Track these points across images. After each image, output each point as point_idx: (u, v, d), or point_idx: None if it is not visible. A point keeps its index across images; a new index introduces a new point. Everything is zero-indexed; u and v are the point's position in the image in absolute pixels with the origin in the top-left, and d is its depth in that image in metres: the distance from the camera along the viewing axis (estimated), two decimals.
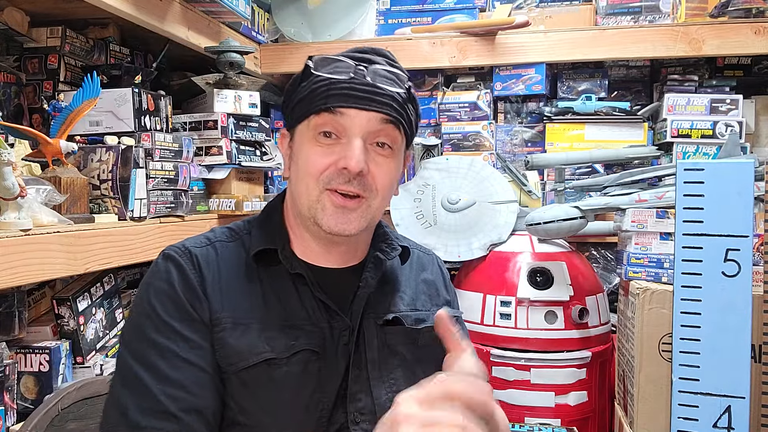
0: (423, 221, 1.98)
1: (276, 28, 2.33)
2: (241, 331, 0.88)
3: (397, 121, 0.91)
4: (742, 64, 2.20)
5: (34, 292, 1.41)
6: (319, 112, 0.89)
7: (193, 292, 0.89)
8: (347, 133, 0.89)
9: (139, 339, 0.87)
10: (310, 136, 0.91)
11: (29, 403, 1.27)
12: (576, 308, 1.72)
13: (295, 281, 0.93)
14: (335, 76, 0.89)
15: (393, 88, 0.90)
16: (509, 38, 2.17)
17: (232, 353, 0.87)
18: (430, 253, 1.15)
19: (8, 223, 1.09)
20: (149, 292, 0.89)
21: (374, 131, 0.90)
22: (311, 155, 0.90)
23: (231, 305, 0.90)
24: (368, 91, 0.89)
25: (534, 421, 1.70)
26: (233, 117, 1.87)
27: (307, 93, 0.91)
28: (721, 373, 1.19)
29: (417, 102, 0.97)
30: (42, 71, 1.56)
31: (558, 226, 1.70)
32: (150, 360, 0.84)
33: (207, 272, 0.91)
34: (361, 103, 0.88)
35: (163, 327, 0.86)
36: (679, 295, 1.22)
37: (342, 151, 0.89)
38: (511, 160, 2.23)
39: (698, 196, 1.21)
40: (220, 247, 0.96)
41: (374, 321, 0.95)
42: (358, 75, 0.89)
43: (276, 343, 0.88)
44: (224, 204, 1.86)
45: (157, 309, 0.87)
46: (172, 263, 0.91)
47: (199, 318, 0.88)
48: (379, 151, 0.91)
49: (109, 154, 1.43)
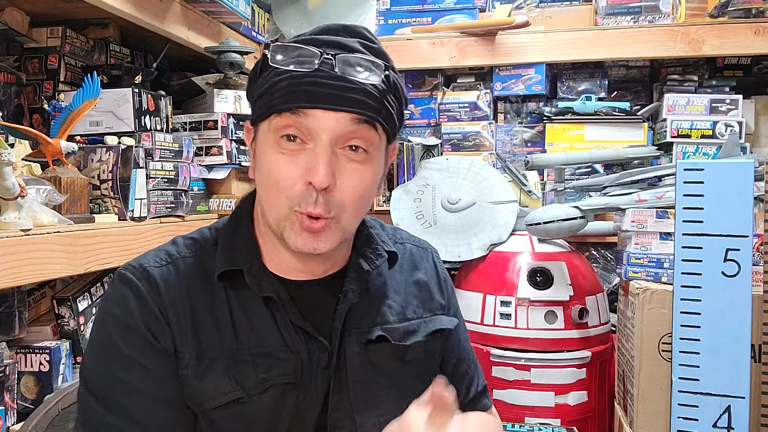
0: (423, 221, 1.98)
1: (276, 28, 2.33)
2: (205, 368, 0.79)
3: (373, 119, 0.77)
4: (742, 64, 2.20)
5: (35, 292, 1.41)
6: (281, 113, 0.76)
7: (155, 320, 0.79)
8: (313, 137, 0.76)
9: (100, 376, 0.79)
10: (272, 140, 0.78)
11: (29, 403, 1.27)
12: (576, 308, 1.72)
13: (268, 303, 0.82)
14: (297, 69, 0.75)
15: (368, 78, 0.76)
16: (509, 38, 2.17)
17: (196, 393, 0.79)
18: (426, 247, 1.03)
19: (8, 223, 1.09)
20: (106, 320, 0.81)
21: (345, 134, 0.76)
22: (275, 164, 0.77)
23: (195, 337, 0.80)
24: (336, 86, 0.75)
25: (534, 421, 1.70)
26: (233, 117, 1.87)
27: (267, 87, 0.77)
28: (721, 373, 1.19)
29: (400, 88, 0.82)
30: (42, 71, 1.56)
31: (558, 226, 1.70)
32: (114, 399, 0.77)
33: (167, 297, 0.81)
34: (327, 101, 0.75)
35: (126, 361, 0.78)
36: (679, 295, 1.22)
37: (307, 160, 0.76)
38: (511, 160, 2.23)
39: (698, 196, 1.21)
40: (182, 265, 0.84)
41: (357, 339, 0.85)
42: (324, 65, 0.75)
43: (245, 380, 0.79)
44: (224, 204, 1.86)
45: (116, 341, 0.78)
46: (129, 288, 0.81)
47: (163, 347, 0.79)
48: (351, 156, 0.78)
49: (110, 154, 1.43)
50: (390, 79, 0.79)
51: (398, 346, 0.87)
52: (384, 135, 0.81)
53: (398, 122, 0.84)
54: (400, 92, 0.82)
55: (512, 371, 1.73)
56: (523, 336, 1.73)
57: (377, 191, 0.85)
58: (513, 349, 1.74)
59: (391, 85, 0.79)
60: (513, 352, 1.74)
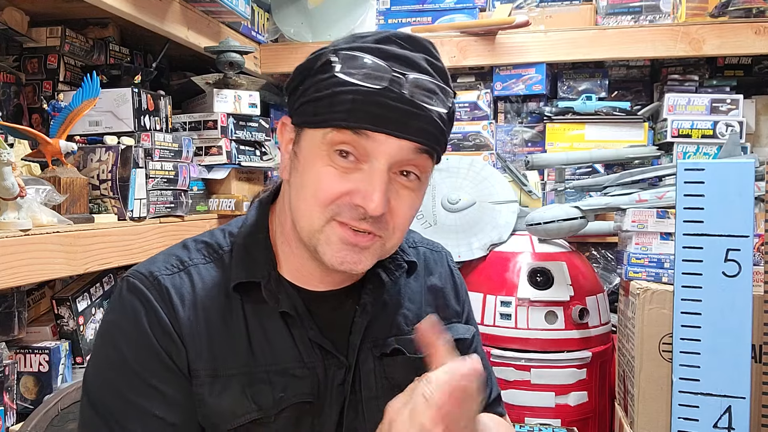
0: (423, 221, 1.98)
1: (276, 28, 2.32)
2: (221, 387, 0.76)
3: (433, 149, 0.74)
4: (743, 64, 2.20)
5: (34, 292, 1.41)
6: (340, 128, 0.71)
7: (168, 337, 0.75)
8: (370, 159, 0.72)
9: (107, 394, 0.75)
10: (324, 152, 0.73)
11: (29, 404, 1.27)
12: (576, 308, 1.72)
13: (284, 317, 0.80)
14: (365, 84, 0.70)
15: (436, 106, 0.72)
16: (509, 38, 2.17)
17: (212, 413, 0.75)
18: (440, 250, 0.99)
19: (8, 223, 1.08)
20: (115, 334, 0.76)
21: (404, 161, 0.73)
22: (322, 176, 0.73)
23: (210, 353, 0.76)
24: (404, 111, 0.70)
25: (534, 422, 1.70)
26: (233, 117, 1.87)
27: (326, 95, 0.72)
28: (722, 373, 1.19)
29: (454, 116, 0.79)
30: (42, 71, 1.56)
31: (558, 226, 1.70)
32: (122, 422, 0.73)
33: (181, 309, 0.77)
34: (393, 127, 0.70)
35: (136, 380, 0.74)
36: (680, 295, 1.22)
37: (361, 180, 0.72)
38: (511, 160, 2.23)
39: (698, 196, 1.21)
40: (195, 273, 0.80)
41: (372, 353, 0.82)
42: (393, 85, 0.70)
43: (262, 399, 0.76)
44: (224, 204, 1.86)
45: (126, 358, 0.74)
46: (138, 299, 0.76)
47: (176, 366, 0.75)
48: (404, 182, 0.75)
49: (109, 154, 1.43)
50: (453, 108, 0.76)
51: (414, 359, 0.83)
52: (435, 163, 0.79)
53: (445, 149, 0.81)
54: (454, 120, 0.80)
55: (512, 371, 1.73)
56: (524, 336, 1.73)
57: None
58: (513, 349, 1.74)
59: (451, 113, 0.76)
60: (513, 352, 1.73)
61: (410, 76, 0.71)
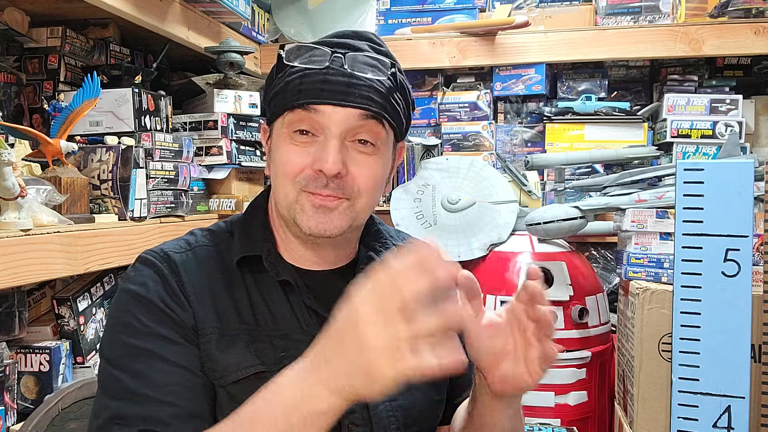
0: (423, 221, 1.98)
1: (276, 28, 2.33)
2: (227, 343, 0.83)
3: (380, 115, 0.82)
4: (742, 64, 2.20)
5: (34, 292, 1.41)
6: (293, 109, 0.82)
7: (176, 298, 0.83)
8: (324, 131, 0.81)
9: (120, 348, 0.80)
10: (285, 134, 0.84)
11: (29, 403, 1.27)
12: (576, 308, 1.72)
13: (284, 288, 0.87)
14: (309, 66, 0.81)
15: (374, 75, 0.81)
16: (509, 38, 2.17)
17: (218, 367, 0.81)
18: None
19: (8, 223, 1.09)
20: (126, 298, 0.83)
21: (353, 128, 0.81)
22: (286, 155, 0.83)
23: (216, 315, 0.84)
24: (345, 83, 0.80)
25: (534, 421, 1.70)
26: (233, 117, 1.87)
27: (282, 86, 0.83)
28: (721, 373, 1.19)
29: (407, 88, 0.87)
30: (42, 71, 1.56)
31: (558, 226, 1.70)
32: (135, 367, 0.78)
33: (187, 280, 0.84)
34: (336, 97, 0.80)
35: (146, 331, 0.80)
36: (679, 295, 1.22)
37: (318, 151, 0.81)
38: (511, 160, 2.23)
39: (698, 196, 1.21)
40: (201, 252, 0.88)
41: None
42: (334, 64, 0.80)
43: (265, 356, 0.83)
44: (224, 204, 1.86)
45: (137, 315, 0.81)
46: (151, 268, 0.84)
47: (181, 320, 0.82)
48: (360, 148, 0.83)
49: (109, 154, 1.43)
50: (396, 78, 0.83)
51: None
52: (391, 131, 0.86)
53: (405, 121, 0.88)
54: (406, 92, 0.87)
55: None
56: None
57: (385, 187, 0.90)
58: None
59: (397, 84, 0.84)
60: None
61: (348, 54, 0.81)
